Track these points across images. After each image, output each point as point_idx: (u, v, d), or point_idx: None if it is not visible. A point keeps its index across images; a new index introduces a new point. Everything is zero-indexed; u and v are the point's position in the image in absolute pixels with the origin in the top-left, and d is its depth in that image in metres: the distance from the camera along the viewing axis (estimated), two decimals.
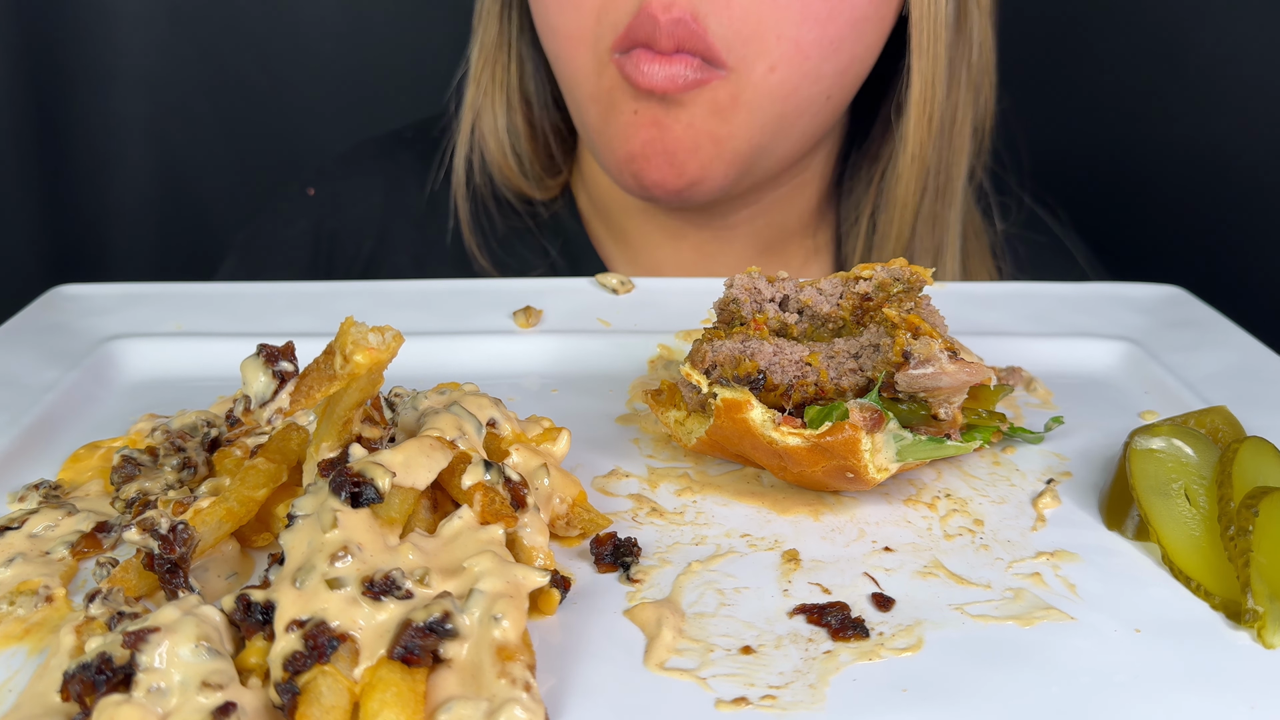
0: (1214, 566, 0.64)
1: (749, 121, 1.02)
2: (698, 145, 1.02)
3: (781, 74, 0.99)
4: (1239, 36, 1.38)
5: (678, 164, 1.02)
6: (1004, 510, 0.71)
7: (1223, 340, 0.94)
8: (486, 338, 0.91)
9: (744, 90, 0.99)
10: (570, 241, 1.26)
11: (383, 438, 0.64)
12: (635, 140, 1.02)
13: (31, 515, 0.66)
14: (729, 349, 0.70)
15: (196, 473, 0.69)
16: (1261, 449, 0.70)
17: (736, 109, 1.00)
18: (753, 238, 1.23)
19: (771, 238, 1.24)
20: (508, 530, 0.60)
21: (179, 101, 1.68)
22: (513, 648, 0.52)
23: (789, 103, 1.02)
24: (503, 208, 1.27)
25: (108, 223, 1.72)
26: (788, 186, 1.20)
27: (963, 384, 0.67)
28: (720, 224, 1.21)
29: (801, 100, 1.03)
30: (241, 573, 0.63)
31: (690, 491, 0.72)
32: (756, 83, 0.99)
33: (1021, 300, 1.01)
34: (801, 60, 0.99)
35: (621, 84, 1.01)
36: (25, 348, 0.86)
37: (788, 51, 0.98)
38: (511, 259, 1.25)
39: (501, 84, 1.21)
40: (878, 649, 0.58)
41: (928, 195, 1.15)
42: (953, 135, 1.14)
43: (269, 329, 0.91)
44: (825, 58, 1.00)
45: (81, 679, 0.50)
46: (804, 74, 1.00)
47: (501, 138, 1.23)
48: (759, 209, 1.20)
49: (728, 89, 0.99)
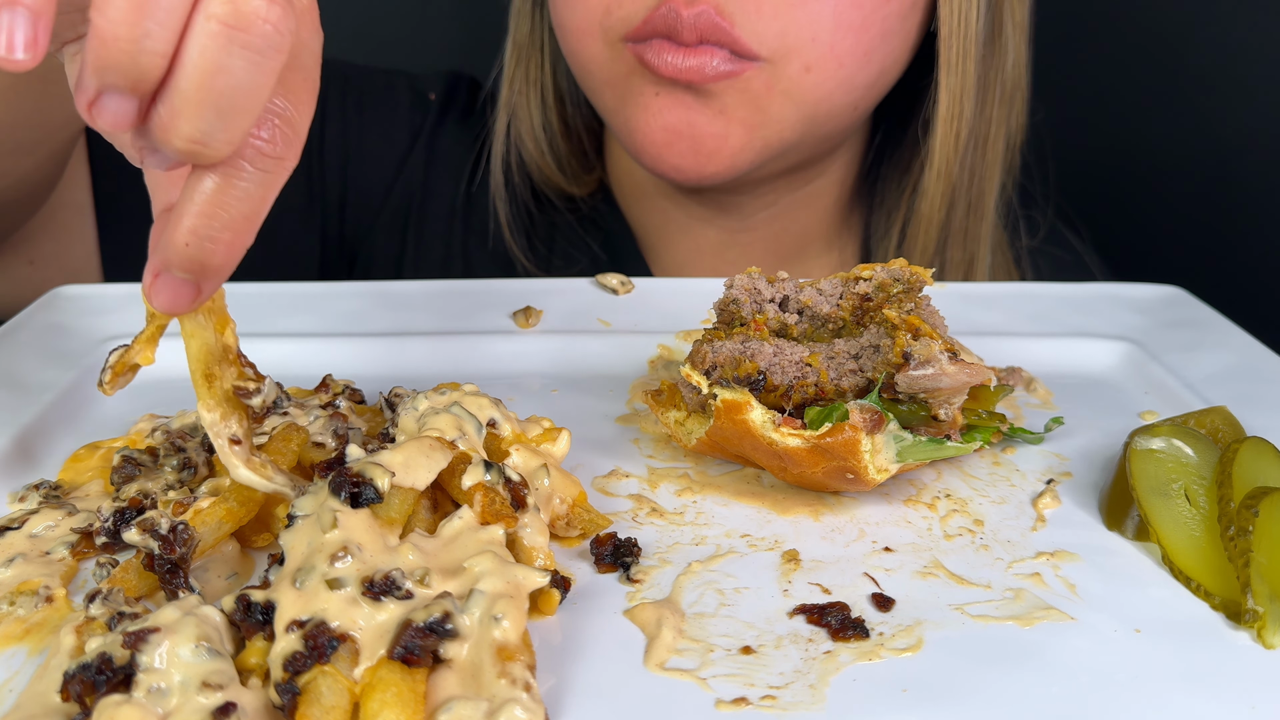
0: (1214, 566, 0.64)
1: (785, 114, 1.01)
2: (728, 133, 1.00)
3: (817, 77, 0.99)
4: (1239, 36, 1.38)
5: (705, 152, 1.01)
6: (1004, 510, 0.71)
7: (1223, 340, 0.94)
8: (486, 338, 0.91)
9: (780, 81, 0.99)
10: (610, 235, 1.26)
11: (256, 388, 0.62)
12: (656, 124, 1.01)
13: (32, 515, 0.66)
14: (729, 350, 0.70)
15: (196, 473, 0.69)
16: (1261, 449, 0.70)
17: (771, 98, 0.99)
18: (771, 241, 1.23)
19: (791, 243, 1.24)
20: (508, 530, 0.60)
21: None
22: (513, 648, 0.52)
23: (821, 107, 1.02)
24: (542, 205, 1.26)
25: None
26: (804, 191, 1.20)
27: (963, 385, 0.67)
28: (737, 225, 1.21)
29: (833, 106, 1.03)
30: (241, 573, 0.63)
31: (690, 492, 0.72)
32: (793, 77, 0.99)
33: (1021, 300, 1.01)
34: (837, 67, 0.99)
35: (639, 69, 1.00)
36: (25, 348, 0.86)
37: (823, 55, 0.98)
38: (555, 257, 1.25)
39: (535, 82, 1.20)
40: (878, 649, 0.58)
41: (958, 210, 1.15)
42: (985, 151, 1.13)
43: (269, 329, 0.91)
44: (860, 67, 1.01)
45: (81, 679, 0.50)
46: (839, 81, 1.00)
47: (538, 135, 1.22)
48: (776, 211, 1.20)
49: (763, 78, 0.98)
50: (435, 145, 1.28)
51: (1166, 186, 1.51)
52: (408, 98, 1.29)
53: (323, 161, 1.25)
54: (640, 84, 1.01)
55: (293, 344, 0.89)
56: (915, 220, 1.16)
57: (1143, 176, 1.53)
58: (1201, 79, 1.43)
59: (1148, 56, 1.49)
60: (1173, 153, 1.49)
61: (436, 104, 1.29)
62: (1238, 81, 1.39)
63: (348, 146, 1.26)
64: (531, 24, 1.19)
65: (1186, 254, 1.47)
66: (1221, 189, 1.43)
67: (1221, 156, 1.42)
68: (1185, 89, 1.45)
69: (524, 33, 1.19)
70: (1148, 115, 1.51)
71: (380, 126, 1.27)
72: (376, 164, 1.27)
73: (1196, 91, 1.44)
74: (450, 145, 1.29)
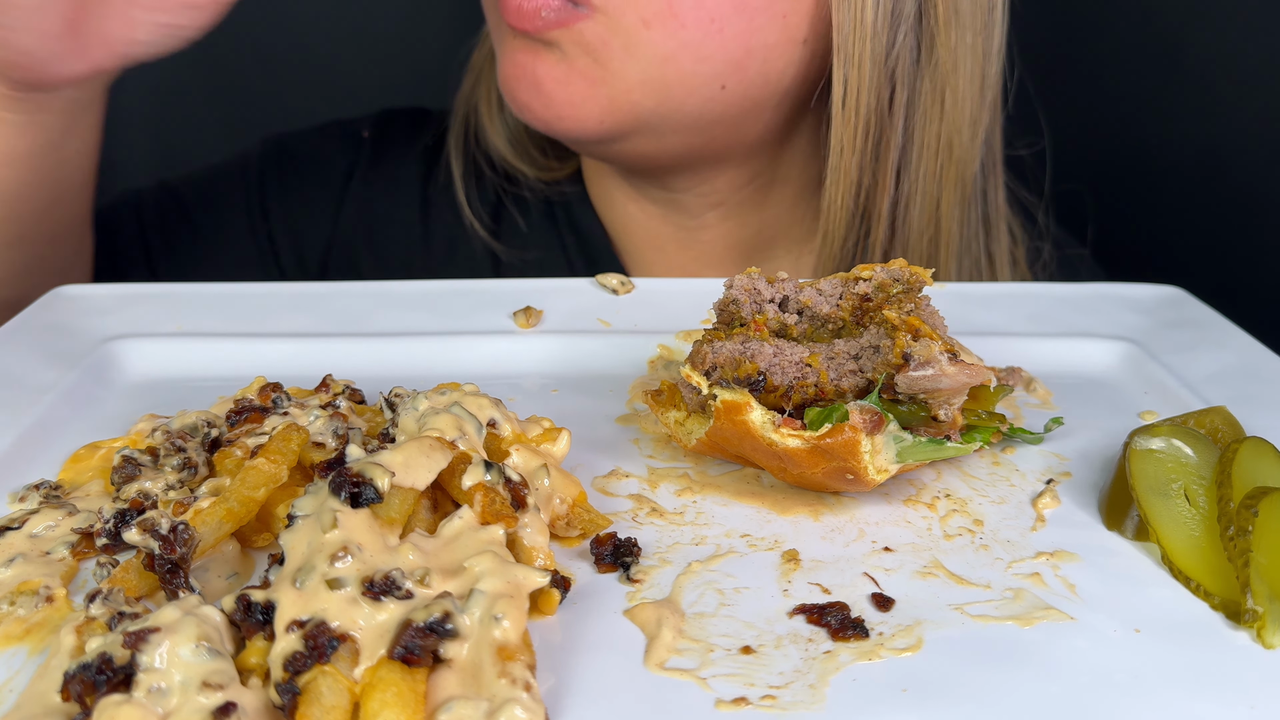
0: (1214, 566, 0.64)
1: (626, 70, 1.01)
2: (568, 80, 1.03)
3: (657, 33, 0.99)
4: (1239, 36, 1.38)
5: (545, 94, 1.05)
6: (1004, 510, 0.71)
7: (1222, 340, 0.94)
8: (486, 338, 0.91)
9: (616, 35, 1.00)
10: (580, 228, 1.28)
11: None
12: (509, 64, 1.07)
13: (32, 515, 0.66)
14: (729, 350, 0.70)
15: (197, 473, 0.69)
16: (1261, 449, 0.70)
17: (610, 51, 1.01)
18: (729, 238, 1.23)
19: (751, 242, 1.23)
20: (508, 530, 0.60)
21: (179, 101, 1.67)
22: (513, 648, 0.52)
23: (669, 69, 1.01)
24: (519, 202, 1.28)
25: None
26: (750, 190, 1.19)
27: (963, 386, 0.67)
28: (692, 224, 1.22)
29: (685, 74, 1.02)
30: (242, 573, 0.63)
31: (690, 491, 0.72)
32: (629, 30, 1.00)
33: (1021, 300, 1.01)
34: (678, 27, 0.99)
35: (500, 21, 1.06)
36: (25, 348, 0.86)
37: (660, 10, 0.98)
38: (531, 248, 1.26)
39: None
40: (878, 649, 0.58)
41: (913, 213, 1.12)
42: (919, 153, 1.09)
43: (269, 329, 0.91)
44: (707, 34, 1.00)
45: (82, 679, 0.50)
46: (682, 43, 1.00)
47: (496, 122, 1.25)
48: (726, 211, 1.20)
49: (595, 29, 1.00)
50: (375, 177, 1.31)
51: (1166, 186, 1.51)
52: (337, 144, 1.33)
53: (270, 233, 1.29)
54: (506, 35, 1.07)
55: (293, 344, 0.89)
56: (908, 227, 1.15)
57: (1143, 176, 1.53)
58: (1201, 79, 1.43)
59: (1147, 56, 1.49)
60: (1173, 152, 1.49)
61: (370, 140, 1.33)
62: (1237, 81, 1.39)
63: (290, 214, 1.30)
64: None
65: (1186, 254, 1.47)
66: (1221, 189, 1.43)
67: (1221, 156, 1.42)
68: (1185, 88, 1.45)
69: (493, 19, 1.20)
70: (1148, 115, 1.51)
71: (316, 180, 1.31)
72: (320, 215, 1.30)
73: (1197, 91, 1.44)
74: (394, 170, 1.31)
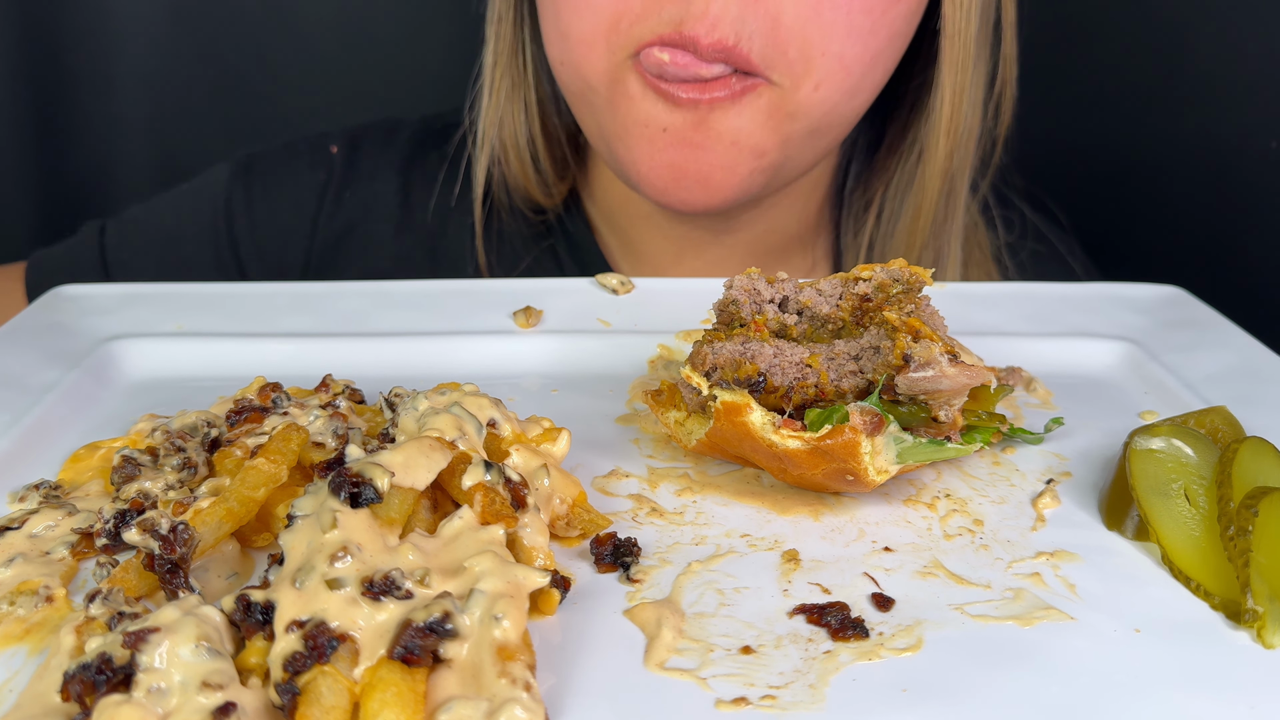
0: (1214, 566, 0.64)
1: (790, 132, 1.00)
2: (736, 162, 0.99)
3: (825, 91, 0.98)
4: (1239, 36, 1.38)
5: (712, 186, 1.00)
6: (1004, 510, 0.71)
7: (1222, 340, 0.94)
8: (486, 338, 0.91)
9: (787, 103, 0.98)
10: (579, 249, 1.26)
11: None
12: (661, 161, 0.99)
13: (32, 515, 0.66)
14: (729, 351, 0.70)
15: (197, 473, 0.69)
16: (1261, 449, 0.70)
17: (780, 120, 0.98)
18: (754, 242, 1.22)
19: (773, 243, 1.23)
20: (508, 530, 0.60)
21: (179, 101, 1.68)
22: (513, 648, 0.52)
23: (826, 118, 1.01)
24: (515, 217, 1.26)
25: None
26: (791, 192, 1.20)
27: (963, 386, 0.67)
28: (721, 227, 1.21)
29: (837, 115, 1.02)
30: (241, 573, 0.63)
31: (690, 492, 0.72)
32: (802, 99, 0.98)
33: (1021, 300, 1.01)
34: (845, 76, 0.98)
35: (644, 91, 0.98)
36: (25, 348, 0.86)
37: (832, 68, 0.97)
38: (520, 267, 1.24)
39: (520, 91, 1.19)
40: (878, 649, 0.58)
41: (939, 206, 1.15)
42: (967, 148, 1.13)
43: (269, 329, 0.91)
44: (865, 73, 1.00)
45: (82, 679, 0.50)
46: (845, 90, 0.99)
47: (522, 148, 1.20)
48: (759, 212, 1.20)
49: (770, 98, 0.97)
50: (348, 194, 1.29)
51: (1166, 186, 1.50)
52: (306, 161, 1.30)
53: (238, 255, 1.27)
54: (631, 121, 0.99)
55: (293, 344, 0.89)
56: (898, 217, 1.15)
57: (1143, 176, 1.53)
58: (1201, 78, 1.43)
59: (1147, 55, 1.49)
60: (1172, 152, 1.48)
61: (340, 156, 1.30)
62: (1237, 81, 1.39)
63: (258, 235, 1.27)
64: (515, 31, 1.17)
65: (1186, 254, 1.47)
66: (1221, 189, 1.43)
67: (1221, 156, 1.42)
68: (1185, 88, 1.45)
69: (506, 41, 1.17)
70: (1148, 114, 1.51)
71: (286, 200, 1.29)
72: (293, 235, 1.28)
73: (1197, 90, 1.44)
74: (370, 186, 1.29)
